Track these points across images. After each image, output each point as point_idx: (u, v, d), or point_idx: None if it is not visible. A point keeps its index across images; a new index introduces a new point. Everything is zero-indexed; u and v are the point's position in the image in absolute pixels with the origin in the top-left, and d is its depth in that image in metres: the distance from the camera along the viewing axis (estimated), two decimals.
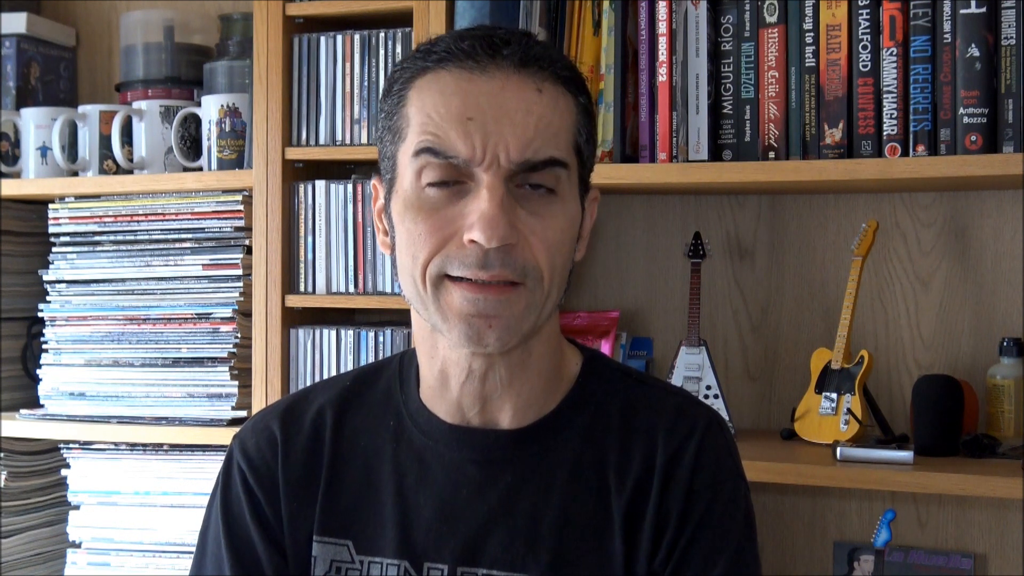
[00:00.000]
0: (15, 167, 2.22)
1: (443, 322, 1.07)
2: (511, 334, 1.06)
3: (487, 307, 1.04)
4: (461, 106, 1.05)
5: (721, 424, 1.17)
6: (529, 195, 1.06)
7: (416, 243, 1.06)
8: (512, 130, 1.04)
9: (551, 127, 1.06)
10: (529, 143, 1.04)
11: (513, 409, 1.14)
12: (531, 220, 1.05)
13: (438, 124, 1.05)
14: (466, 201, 1.05)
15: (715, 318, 2.00)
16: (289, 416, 1.20)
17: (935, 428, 1.71)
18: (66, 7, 2.44)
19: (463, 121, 1.04)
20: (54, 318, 2.14)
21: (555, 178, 1.07)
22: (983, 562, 1.85)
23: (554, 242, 1.06)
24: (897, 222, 1.91)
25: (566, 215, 1.09)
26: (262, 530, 1.16)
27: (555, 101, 1.08)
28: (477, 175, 1.04)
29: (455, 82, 1.06)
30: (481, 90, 1.05)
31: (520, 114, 1.05)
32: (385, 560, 1.12)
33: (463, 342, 1.06)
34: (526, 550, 1.10)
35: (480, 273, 1.03)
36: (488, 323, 1.05)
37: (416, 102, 1.08)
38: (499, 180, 1.04)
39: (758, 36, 1.76)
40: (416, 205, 1.06)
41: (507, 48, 1.06)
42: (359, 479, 1.15)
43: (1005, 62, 1.61)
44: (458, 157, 1.04)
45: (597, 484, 1.12)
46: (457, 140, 1.04)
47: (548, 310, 1.09)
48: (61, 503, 2.22)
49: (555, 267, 1.07)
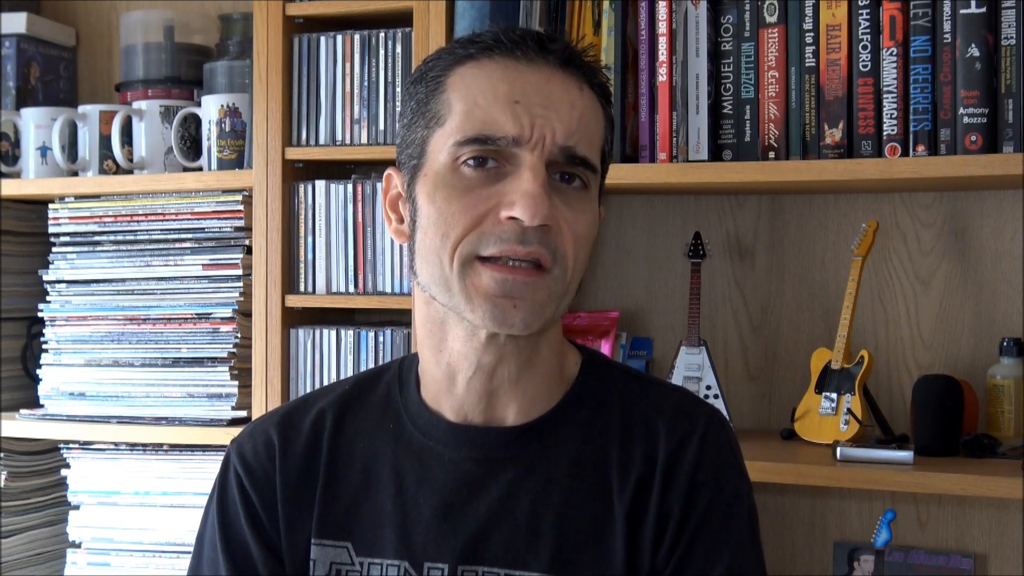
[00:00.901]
0: (15, 167, 2.22)
1: (467, 303, 1.07)
2: (535, 317, 1.07)
3: (514, 288, 1.05)
4: (509, 91, 1.07)
5: (722, 421, 1.17)
6: (562, 187, 1.08)
7: (448, 222, 1.06)
8: (558, 116, 1.07)
9: (590, 127, 1.10)
10: (573, 133, 1.07)
11: (518, 406, 1.14)
12: (564, 210, 1.07)
13: (485, 109, 1.07)
14: (504, 182, 1.06)
15: (715, 318, 2.00)
16: (287, 421, 1.20)
17: (935, 428, 1.71)
18: (66, 7, 2.44)
19: (511, 103, 1.07)
20: (54, 318, 2.14)
21: (588, 178, 1.10)
22: (983, 562, 1.85)
23: (581, 236, 1.09)
24: (897, 222, 1.91)
25: (592, 212, 1.12)
26: (258, 534, 1.16)
27: (593, 104, 1.12)
28: (519, 157, 1.06)
29: (502, 70, 1.08)
30: (528, 79, 1.08)
31: (565, 105, 1.08)
32: (385, 561, 1.12)
33: (488, 322, 1.07)
34: (527, 547, 1.10)
35: (518, 249, 1.04)
36: (514, 304, 1.06)
37: (459, 88, 1.09)
38: (541, 162, 1.06)
39: (758, 36, 1.76)
40: (451, 183, 1.07)
41: (554, 45, 1.10)
42: (358, 481, 1.15)
43: (1005, 62, 1.61)
44: (506, 137, 1.06)
45: (598, 481, 1.12)
46: (506, 121, 1.06)
47: (565, 304, 1.11)
48: (61, 503, 2.22)
49: (579, 260, 1.09)
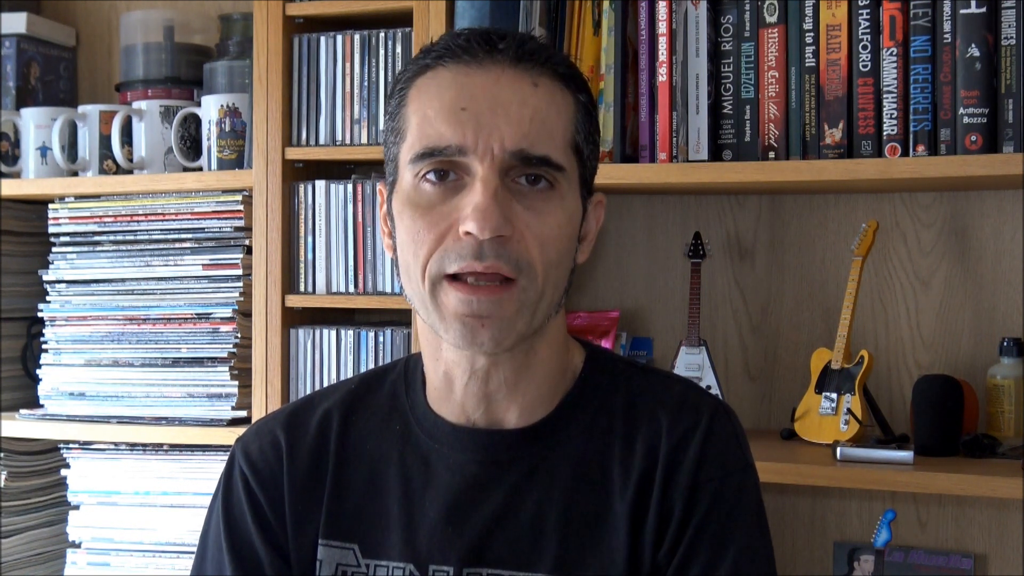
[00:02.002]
0: (15, 167, 2.22)
1: (440, 323, 1.07)
2: (504, 334, 1.06)
3: (480, 307, 1.04)
4: (455, 98, 1.06)
5: (728, 412, 1.15)
6: (525, 190, 1.06)
7: (416, 240, 1.06)
8: (507, 120, 1.04)
9: (547, 123, 1.07)
10: (525, 135, 1.05)
11: (519, 409, 1.14)
12: (526, 215, 1.05)
13: (433, 121, 1.06)
14: (461, 196, 1.05)
15: (715, 318, 2.00)
16: (294, 420, 1.20)
17: (935, 428, 1.71)
18: (66, 7, 2.44)
19: (456, 111, 1.05)
20: (54, 318, 2.14)
21: (550, 178, 1.07)
22: (983, 562, 1.85)
23: (549, 238, 1.06)
24: (897, 222, 1.91)
25: (564, 211, 1.08)
26: (263, 533, 1.16)
27: (551, 96, 1.08)
28: (472, 168, 1.05)
29: (452, 77, 1.07)
30: (476, 83, 1.06)
31: (515, 106, 1.05)
32: (391, 563, 1.12)
33: (459, 342, 1.07)
34: (531, 548, 1.10)
35: (476, 264, 1.03)
36: (481, 323, 1.05)
37: (415, 101, 1.09)
38: (493, 172, 1.04)
39: (758, 36, 1.76)
40: (415, 201, 1.07)
41: (503, 43, 1.07)
42: (365, 482, 1.15)
43: (1005, 62, 1.61)
44: (451, 146, 1.04)
45: (601, 479, 1.11)
46: (451, 131, 1.04)
47: (544, 309, 1.09)
48: (61, 503, 2.22)
49: (550, 263, 1.07)
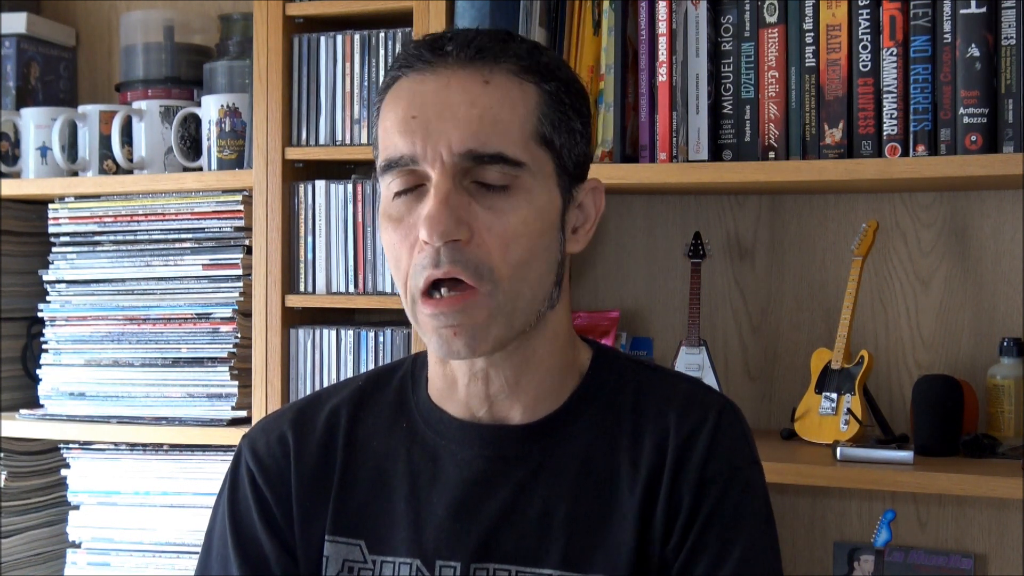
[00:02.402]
0: (15, 167, 2.22)
1: (423, 335, 1.10)
2: (478, 340, 1.06)
3: (448, 319, 1.06)
4: (407, 107, 1.07)
5: (735, 410, 1.16)
6: (483, 191, 1.06)
7: (394, 253, 1.09)
8: (454, 124, 1.05)
9: (499, 120, 1.06)
10: (473, 135, 1.04)
11: (522, 407, 1.14)
12: (486, 215, 1.05)
13: (390, 133, 1.08)
14: (423, 204, 1.06)
15: (715, 318, 2.00)
16: (301, 417, 1.20)
17: (935, 428, 1.71)
18: (66, 7, 2.44)
19: (407, 121, 1.06)
20: (54, 318, 2.14)
21: (507, 175, 1.06)
22: (983, 562, 1.85)
23: (511, 235, 1.06)
24: (897, 222, 1.91)
25: (530, 206, 1.07)
26: (270, 530, 1.16)
27: (505, 92, 1.07)
28: (428, 176, 1.06)
29: (408, 87, 1.09)
30: (427, 89, 1.07)
31: (463, 107, 1.05)
32: (397, 559, 1.12)
33: (440, 351, 1.09)
34: (538, 544, 1.10)
35: (435, 272, 1.05)
36: (453, 331, 1.06)
37: (382, 116, 1.11)
38: (445, 177, 1.04)
39: (758, 36, 1.76)
40: (387, 214, 1.09)
41: (451, 45, 1.07)
42: (372, 479, 1.15)
43: (1005, 62, 1.61)
44: (403, 156, 1.06)
45: (609, 474, 1.12)
46: (401, 141, 1.06)
47: (524, 309, 1.08)
48: (61, 503, 2.22)
49: (516, 263, 1.06)
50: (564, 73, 1.12)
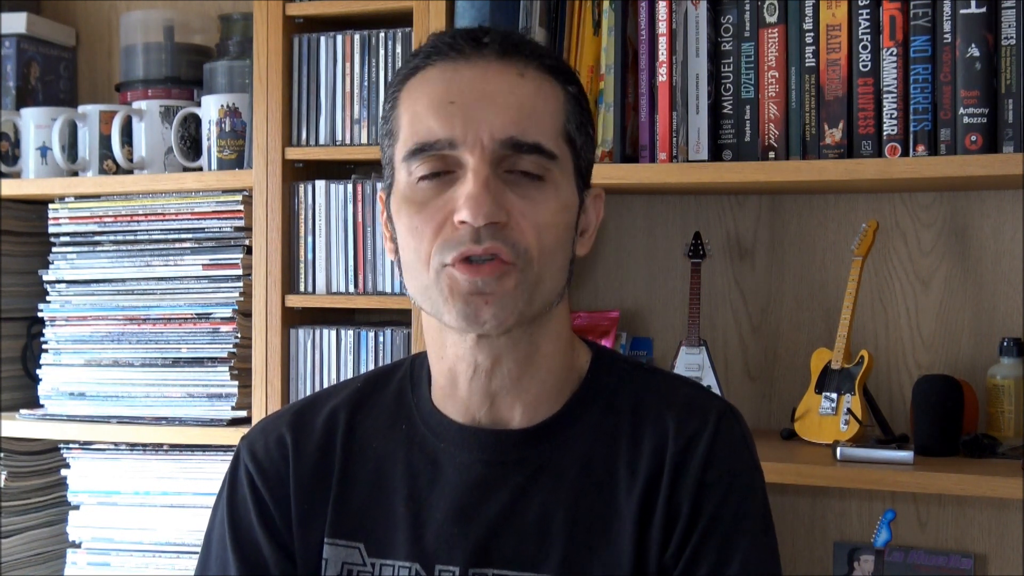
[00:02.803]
0: (15, 167, 2.22)
1: (444, 305, 1.07)
2: (507, 312, 1.06)
3: (484, 285, 1.05)
4: (443, 92, 1.07)
5: (735, 414, 1.15)
6: (518, 180, 1.07)
7: (415, 235, 1.07)
8: (495, 111, 1.06)
9: (535, 111, 1.08)
10: (514, 123, 1.06)
11: (523, 407, 1.14)
12: (520, 202, 1.06)
13: (422, 118, 1.07)
14: (454, 188, 1.06)
15: (715, 318, 2.00)
16: (300, 419, 1.20)
17: (935, 428, 1.71)
18: (66, 7, 2.44)
19: (445, 105, 1.06)
20: (54, 318, 2.14)
21: (542, 166, 1.07)
22: (983, 562, 1.85)
23: (544, 224, 1.07)
24: (897, 222, 1.91)
25: (558, 199, 1.09)
26: (268, 532, 1.16)
27: (538, 86, 1.09)
28: (464, 161, 1.06)
29: (439, 74, 1.09)
30: (463, 77, 1.08)
31: (502, 95, 1.07)
32: (397, 563, 1.12)
33: (462, 322, 1.07)
34: (537, 549, 1.10)
35: (475, 248, 1.04)
36: (484, 299, 1.05)
37: (406, 102, 1.10)
38: (483, 162, 1.05)
39: (758, 36, 1.76)
40: (410, 198, 1.08)
41: (487, 37, 1.09)
42: (371, 482, 1.15)
43: (1005, 62, 1.61)
44: (441, 140, 1.06)
45: (608, 479, 1.11)
46: (439, 126, 1.06)
47: (542, 295, 1.09)
48: (61, 503, 2.22)
49: (545, 250, 1.07)
50: (579, 80, 1.16)
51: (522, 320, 1.08)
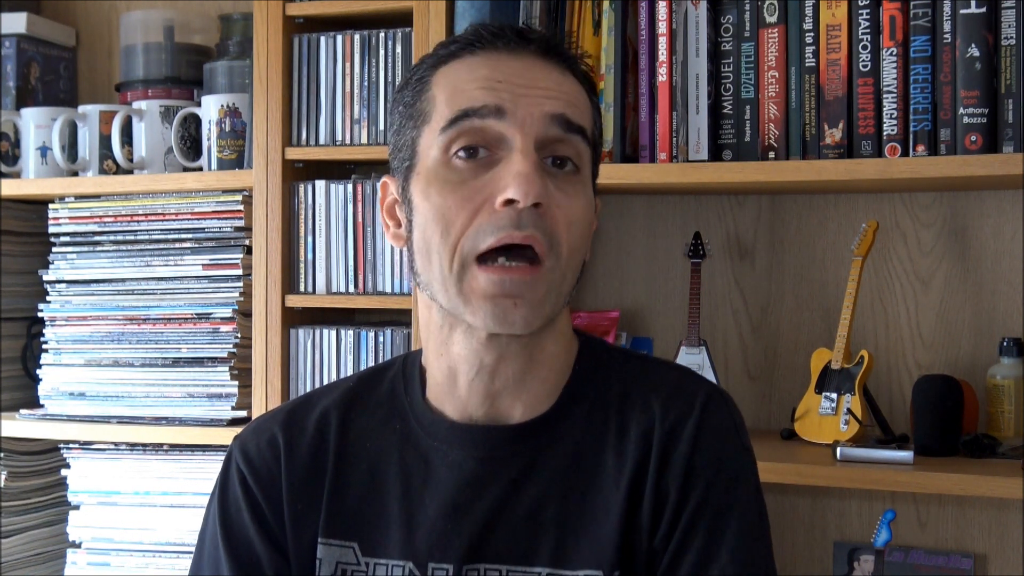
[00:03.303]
0: (15, 167, 2.22)
1: (465, 305, 1.06)
2: (536, 314, 1.06)
3: (513, 287, 1.04)
4: (490, 74, 1.07)
5: (723, 396, 1.15)
6: (554, 171, 1.07)
7: (446, 216, 1.05)
8: (545, 92, 1.07)
9: (579, 103, 1.10)
10: (564, 104, 1.07)
11: (523, 406, 1.14)
12: (557, 194, 1.06)
13: (466, 92, 1.07)
14: (496, 169, 1.05)
15: (715, 318, 2.00)
16: (292, 419, 1.20)
17: (935, 428, 1.71)
18: (66, 7, 2.44)
19: (492, 82, 1.06)
20: (54, 318, 2.14)
21: (580, 155, 1.08)
22: (983, 562, 1.85)
23: (575, 220, 1.07)
24: (897, 222, 1.91)
25: (586, 196, 1.10)
26: (261, 531, 1.16)
27: (576, 86, 1.12)
28: (508, 138, 1.05)
29: (483, 60, 1.09)
30: (509, 65, 1.08)
31: (549, 83, 1.08)
32: (390, 561, 1.12)
33: (489, 322, 1.05)
34: (528, 543, 1.10)
35: (515, 234, 1.03)
36: (514, 302, 1.04)
37: (442, 83, 1.09)
38: (530, 143, 1.05)
39: (758, 36, 1.76)
40: (443, 177, 1.06)
41: (533, 34, 1.10)
42: (364, 481, 1.15)
43: (1005, 62, 1.61)
44: (487, 107, 1.05)
45: (597, 468, 1.11)
46: (484, 95, 1.06)
47: (563, 294, 1.09)
48: (61, 503, 2.22)
49: (573, 246, 1.08)
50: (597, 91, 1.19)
51: (547, 321, 1.09)
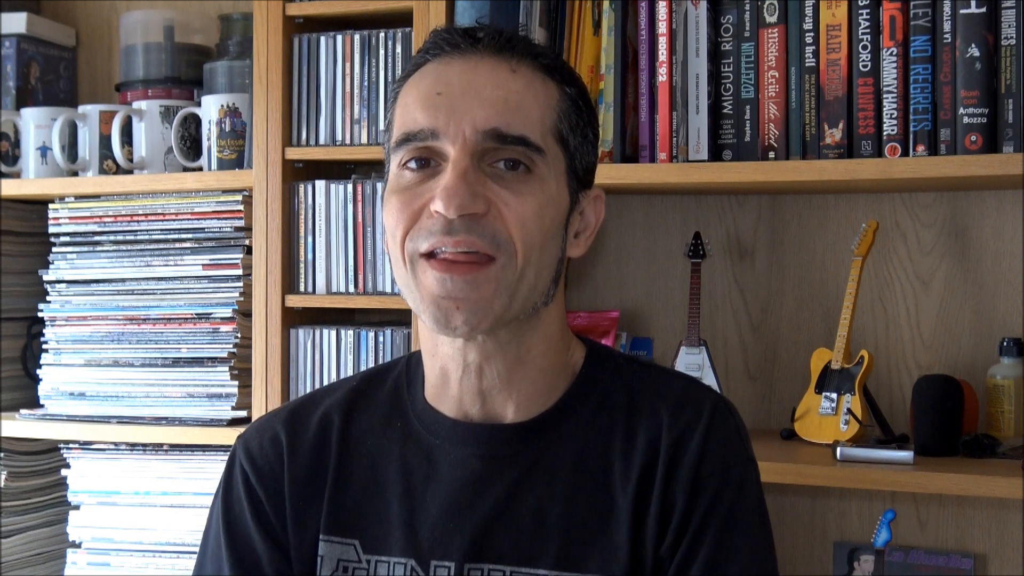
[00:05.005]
0: (15, 167, 2.22)
1: (420, 304, 1.08)
2: (479, 316, 1.06)
3: (454, 288, 1.05)
4: (432, 84, 1.09)
5: (729, 407, 1.15)
6: (503, 172, 1.07)
7: (392, 220, 1.08)
8: (480, 103, 1.06)
9: (522, 105, 1.08)
10: (499, 115, 1.06)
11: (515, 405, 1.14)
12: (504, 193, 1.06)
13: (410, 109, 1.09)
14: (437, 179, 1.07)
15: (715, 318, 2.00)
16: (295, 418, 1.20)
17: (935, 428, 1.71)
18: (66, 7, 2.44)
19: (431, 97, 1.08)
20: (54, 318, 2.14)
21: (528, 156, 1.07)
22: (983, 562, 1.85)
23: (529, 216, 1.07)
24: (897, 222, 1.91)
25: (544, 194, 1.08)
26: (263, 530, 1.16)
27: (530, 83, 1.10)
28: (445, 152, 1.06)
29: (434, 68, 1.10)
30: (454, 70, 1.09)
31: (489, 88, 1.07)
32: (392, 559, 1.12)
33: (434, 325, 1.08)
34: (532, 544, 1.10)
35: (446, 240, 1.04)
36: (456, 305, 1.05)
37: (402, 97, 1.12)
38: (464, 154, 1.05)
39: (758, 36, 1.76)
40: (394, 187, 1.10)
41: (482, 32, 1.10)
42: (366, 479, 1.15)
43: (1005, 62, 1.61)
44: (424, 130, 1.07)
45: (602, 473, 1.11)
46: (423, 116, 1.07)
47: (525, 293, 1.08)
48: (61, 503, 2.22)
49: (530, 244, 1.07)
50: (581, 83, 1.16)
51: (499, 323, 1.08)
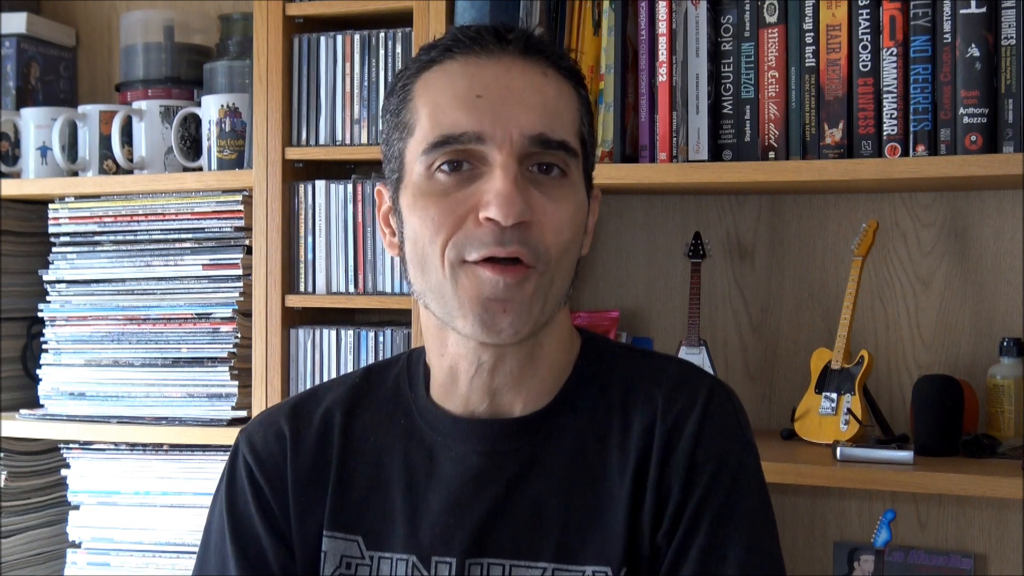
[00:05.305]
0: (15, 167, 2.22)
1: (459, 309, 1.06)
2: (523, 320, 1.06)
3: (503, 291, 1.04)
4: (469, 86, 1.06)
5: (726, 391, 1.14)
6: (540, 178, 1.07)
7: (432, 226, 1.05)
8: (522, 109, 1.05)
9: (559, 111, 1.08)
10: (541, 120, 1.06)
11: (524, 402, 1.14)
12: (543, 201, 1.06)
13: (447, 111, 1.06)
14: (479, 183, 1.05)
15: (715, 318, 2.00)
16: (298, 413, 1.20)
17: (935, 428, 1.71)
18: (66, 7, 2.44)
19: (471, 99, 1.05)
20: (54, 318, 2.14)
21: (566, 162, 1.08)
22: (983, 562, 1.85)
23: (564, 224, 1.07)
24: (897, 222, 1.91)
25: (576, 199, 1.09)
26: (268, 524, 1.16)
27: (560, 87, 1.10)
28: (489, 157, 1.05)
29: (462, 68, 1.08)
30: (488, 72, 1.07)
31: (530, 92, 1.06)
32: (394, 555, 1.12)
33: (478, 329, 1.05)
34: (531, 538, 1.10)
35: (499, 251, 1.03)
36: (503, 307, 1.05)
37: (423, 94, 1.09)
38: (512, 159, 1.04)
39: (758, 36, 1.76)
40: (428, 191, 1.07)
41: (511, 34, 1.09)
42: (369, 475, 1.15)
43: (1005, 62, 1.61)
44: (468, 133, 1.04)
45: (600, 463, 1.11)
46: (467, 119, 1.05)
47: (554, 297, 1.09)
48: (61, 503, 2.22)
49: (562, 251, 1.07)
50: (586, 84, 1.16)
51: (536, 328, 1.08)
